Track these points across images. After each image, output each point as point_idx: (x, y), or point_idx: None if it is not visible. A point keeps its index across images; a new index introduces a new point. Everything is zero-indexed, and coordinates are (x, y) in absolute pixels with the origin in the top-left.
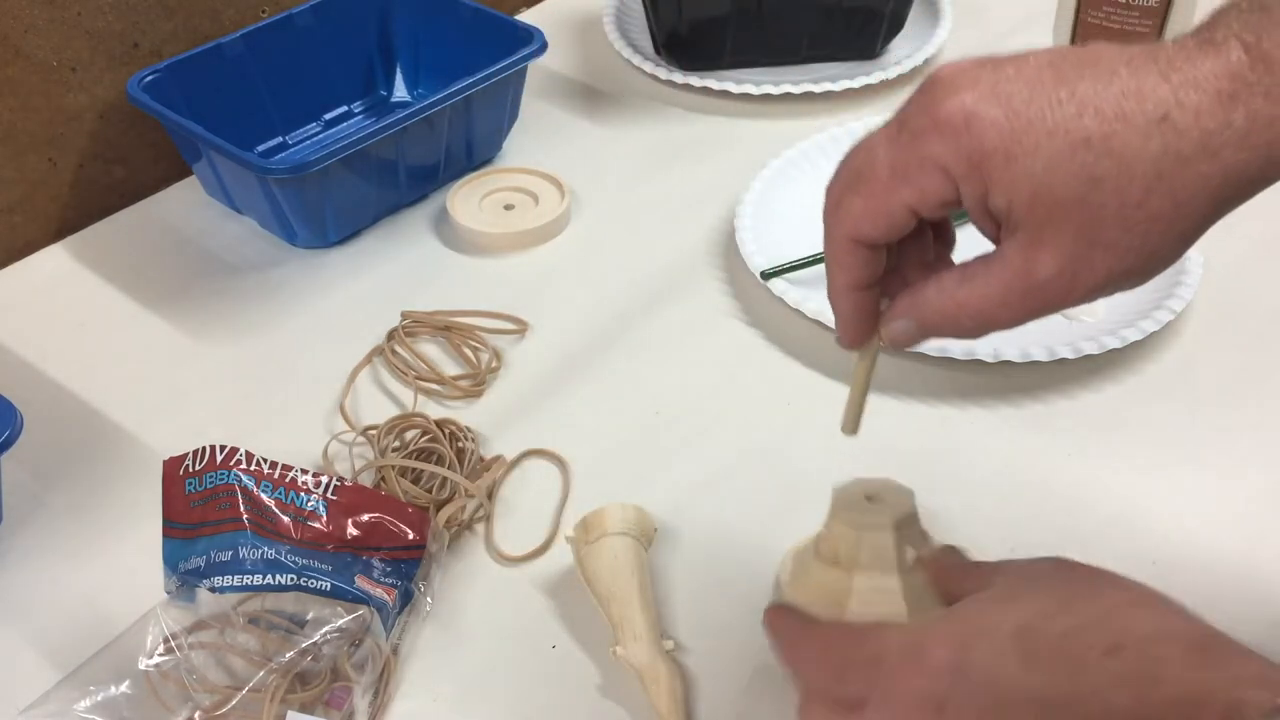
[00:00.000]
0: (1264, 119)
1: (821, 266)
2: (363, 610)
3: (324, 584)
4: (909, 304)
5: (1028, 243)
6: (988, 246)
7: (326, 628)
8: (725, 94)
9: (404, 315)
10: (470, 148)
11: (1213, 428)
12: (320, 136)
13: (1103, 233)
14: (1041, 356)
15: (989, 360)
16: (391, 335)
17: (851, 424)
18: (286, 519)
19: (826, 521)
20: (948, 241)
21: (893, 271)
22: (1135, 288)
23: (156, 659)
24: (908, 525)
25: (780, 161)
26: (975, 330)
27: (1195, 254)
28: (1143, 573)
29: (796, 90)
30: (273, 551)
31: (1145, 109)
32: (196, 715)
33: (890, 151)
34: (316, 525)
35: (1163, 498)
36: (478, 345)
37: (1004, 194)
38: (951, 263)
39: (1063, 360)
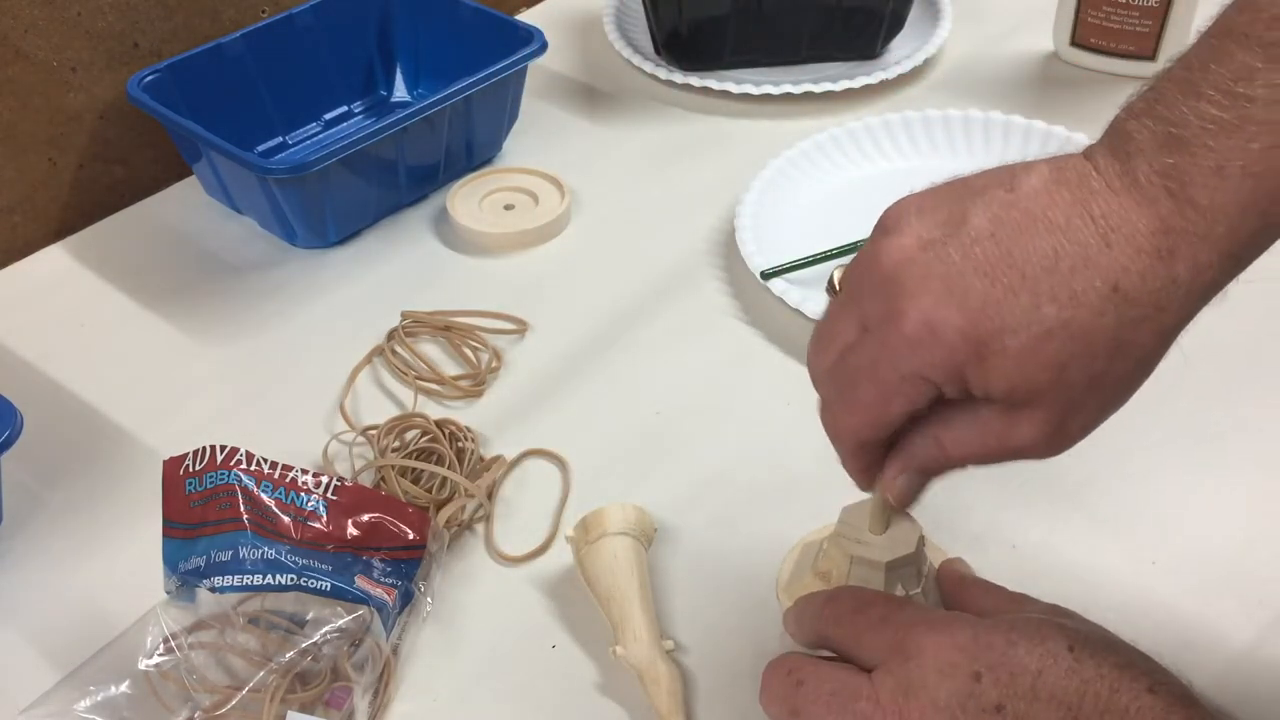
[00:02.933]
0: (1204, 263)
1: (821, 267)
2: (363, 610)
3: (324, 584)
4: (903, 461)
5: (1007, 410)
6: None
7: (326, 628)
8: (725, 94)
9: (404, 315)
10: (470, 148)
11: (1210, 427)
12: (320, 136)
13: (1074, 401)
14: None
15: None
16: (391, 335)
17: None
18: (287, 519)
19: (830, 536)
20: None
21: None
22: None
23: (156, 659)
24: (902, 565)
25: (780, 161)
26: (960, 467)
27: None
28: (1140, 573)
29: (796, 90)
30: (273, 551)
31: (1095, 284)
32: (196, 715)
33: (866, 367)
34: (317, 525)
35: (1161, 497)
36: (478, 345)
37: (981, 388)
38: None
39: None
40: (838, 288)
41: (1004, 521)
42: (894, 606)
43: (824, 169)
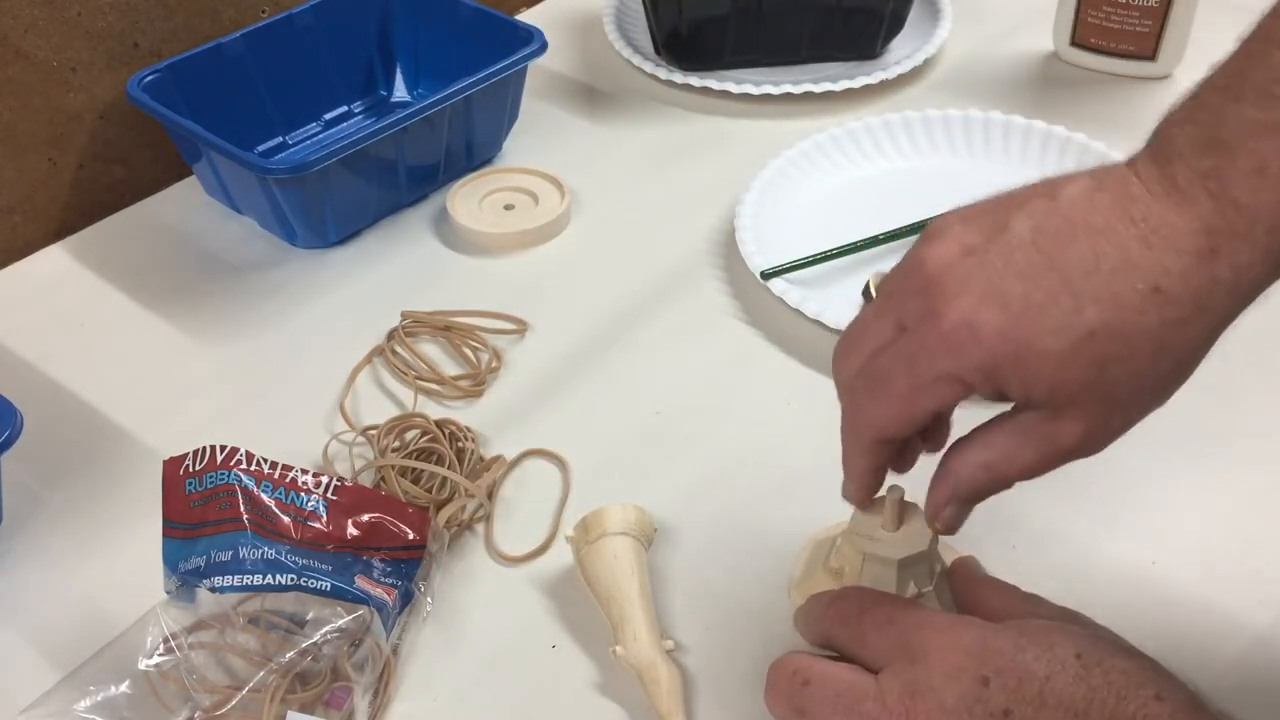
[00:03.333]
0: (1245, 263)
1: (821, 266)
2: (363, 610)
3: (324, 584)
4: (949, 490)
5: (1051, 415)
6: None
7: (326, 628)
8: (725, 94)
9: (404, 315)
10: (470, 148)
11: (1212, 426)
12: (320, 136)
13: (1118, 399)
14: None
15: None
16: (391, 335)
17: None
18: (287, 519)
19: (842, 533)
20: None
21: None
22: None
23: (156, 659)
24: (915, 563)
25: (780, 161)
26: (1007, 486)
27: None
28: (1141, 572)
29: (796, 90)
30: (273, 551)
31: (1136, 286)
32: (196, 715)
33: (902, 365)
34: (317, 525)
35: (1161, 497)
36: (478, 345)
37: (1021, 390)
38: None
39: None
40: (874, 294)
41: (1002, 523)
42: (899, 607)
43: (824, 169)
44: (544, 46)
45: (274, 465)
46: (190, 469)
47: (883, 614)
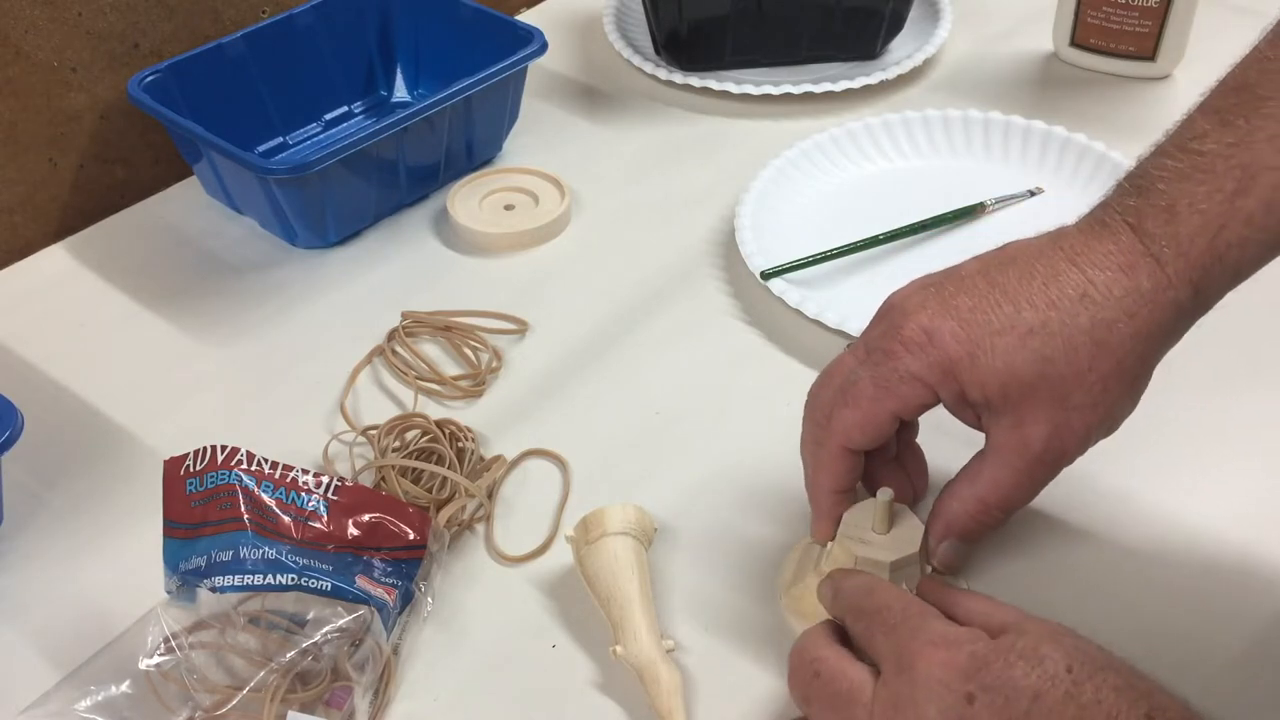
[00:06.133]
0: (1162, 281)
1: (821, 267)
2: (363, 610)
3: (324, 584)
4: (943, 527)
5: (1014, 424)
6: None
7: (327, 628)
8: (725, 94)
9: (404, 315)
10: (470, 148)
11: (1213, 422)
12: (320, 136)
13: (1070, 398)
14: None
15: None
16: (391, 335)
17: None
18: (287, 519)
19: (835, 535)
20: (913, 429)
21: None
22: (1107, 436)
23: (157, 659)
24: (906, 564)
25: (780, 161)
26: (1004, 517)
27: None
28: (1142, 569)
29: (796, 90)
30: (273, 551)
31: (1066, 292)
32: (197, 715)
33: (869, 370)
34: (317, 525)
35: (1164, 493)
36: (478, 345)
37: (978, 389)
38: (917, 447)
39: None
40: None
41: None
42: (910, 614)
43: (824, 169)
44: (544, 46)
45: (274, 465)
46: (191, 469)
47: (893, 616)
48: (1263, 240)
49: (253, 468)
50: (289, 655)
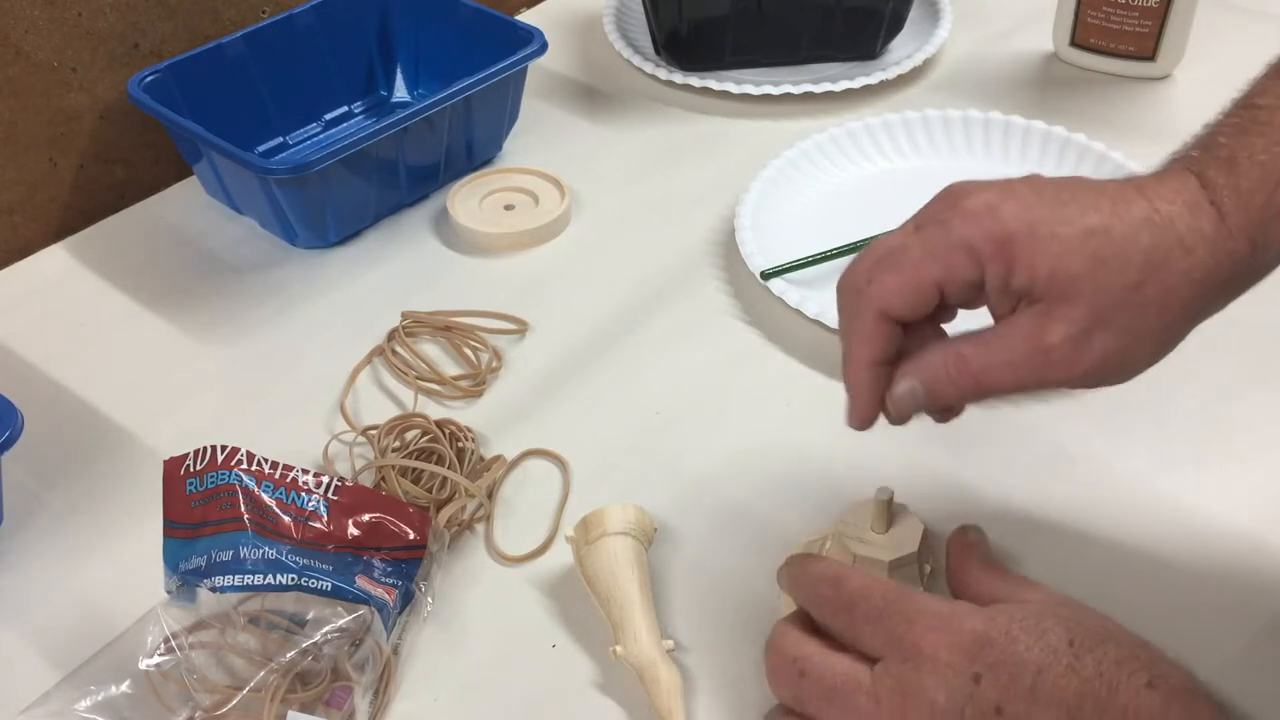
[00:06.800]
0: (1223, 232)
1: (821, 267)
2: (363, 610)
3: (325, 584)
4: (913, 365)
5: (1042, 312)
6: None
7: (327, 628)
8: (725, 94)
9: (404, 315)
10: (470, 148)
11: (1219, 420)
12: (320, 136)
13: (1106, 310)
14: None
15: None
16: (391, 335)
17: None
18: (287, 519)
19: (832, 535)
20: (944, 317)
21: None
22: (1116, 384)
23: (157, 659)
24: (905, 564)
25: (780, 161)
26: (974, 389)
27: None
28: (1142, 568)
29: (796, 90)
30: (274, 551)
31: (1133, 211)
32: (197, 715)
33: (918, 238)
34: (317, 525)
35: (1164, 493)
36: (478, 345)
37: (1026, 270)
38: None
39: None
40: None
41: (1010, 520)
42: (893, 596)
43: (824, 169)
44: (544, 46)
45: (275, 465)
46: (191, 469)
47: (875, 605)
48: None
49: (253, 468)
50: (289, 655)
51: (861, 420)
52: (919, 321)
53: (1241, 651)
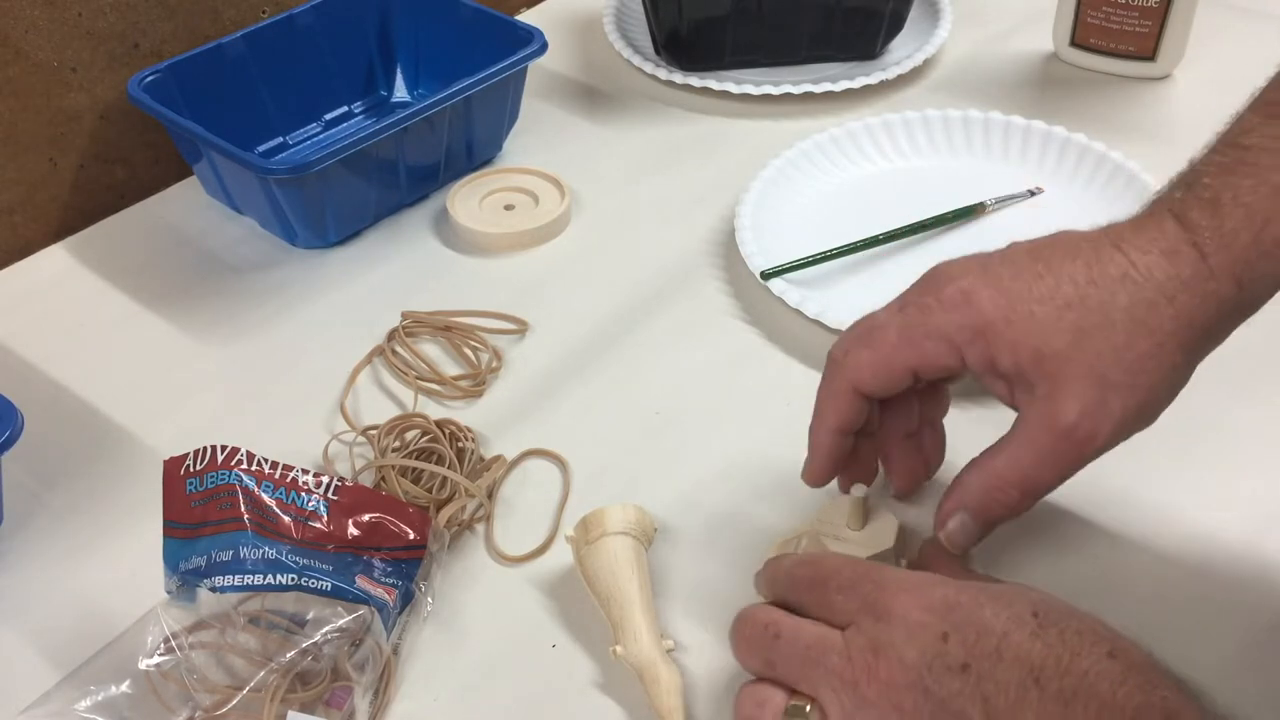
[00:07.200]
0: (1203, 272)
1: (821, 267)
2: (363, 610)
3: (325, 584)
4: (956, 498)
5: (1047, 394)
6: None
7: (327, 628)
8: (725, 94)
9: (404, 315)
10: (470, 148)
11: (1218, 421)
12: (320, 136)
13: (1108, 374)
14: None
15: None
16: (391, 335)
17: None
18: (287, 519)
19: (808, 533)
20: (941, 405)
21: (869, 438)
22: (1142, 430)
23: (157, 659)
24: (881, 560)
25: (780, 161)
26: (1023, 499)
27: None
28: (1142, 566)
29: (796, 90)
30: (274, 551)
31: (1108, 271)
32: (197, 715)
33: (899, 320)
34: (317, 525)
35: (1165, 491)
36: (478, 345)
37: (1009, 355)
38: (941, 426)
39: None
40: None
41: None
42: (863, 569)
43: (824, 169)
44: (544, 46)
45: (274, 465)
46: (191, 469)
47: (846, 577)
48: None
49: (253, 468)
50: (289, 655)
51: (815, 479)
52: (900, 405)
53: (1241, 653)
